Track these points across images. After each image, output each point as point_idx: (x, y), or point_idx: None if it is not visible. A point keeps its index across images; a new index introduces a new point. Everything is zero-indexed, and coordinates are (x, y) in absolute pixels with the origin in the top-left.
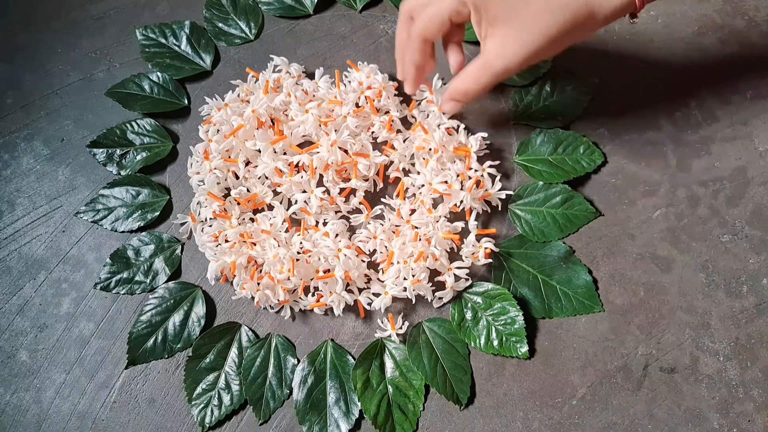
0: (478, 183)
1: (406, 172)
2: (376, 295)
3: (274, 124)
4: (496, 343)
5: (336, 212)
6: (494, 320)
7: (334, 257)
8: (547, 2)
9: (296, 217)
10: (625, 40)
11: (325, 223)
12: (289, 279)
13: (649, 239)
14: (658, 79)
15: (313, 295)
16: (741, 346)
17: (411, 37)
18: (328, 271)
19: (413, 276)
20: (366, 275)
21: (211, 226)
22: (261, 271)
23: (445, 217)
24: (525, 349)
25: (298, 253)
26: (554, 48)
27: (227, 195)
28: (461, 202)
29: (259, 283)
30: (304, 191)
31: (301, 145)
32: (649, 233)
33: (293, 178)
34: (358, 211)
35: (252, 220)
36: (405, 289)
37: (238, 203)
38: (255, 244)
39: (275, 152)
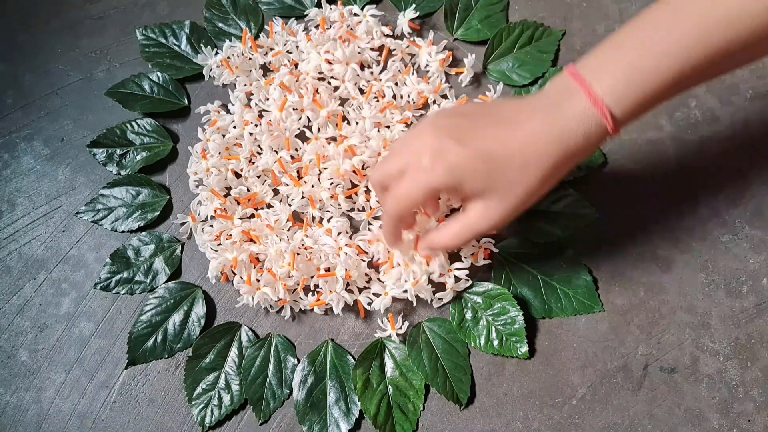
0: None
1: None
2: (376, 295)
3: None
4: (496, 343)
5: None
6: (494, 320)
7: (335, 255)
8: (522, 165)
9: (299, 210)
10: None
11: (328, 220)
12: (289, 275)
13: (649, 239)
14: None
15: (313, 294)
16: (741, 346)
17: (384, 217)
18: (329, 269)
19: (414, 278)
20: (366, 275)
21: (212, 225)
22: (262, 267)
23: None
24: (525, 349)
25: (300, 248)
26: (539, 195)
27: (227, 195)
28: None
29: (258, 280)
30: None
31: (298, 136)
32: (649, 233)
33: (301, 187)
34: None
35: (253, 216)
36: (405, 291)
37: (239, 202)
38: (256, 241)
39: (276, 152)
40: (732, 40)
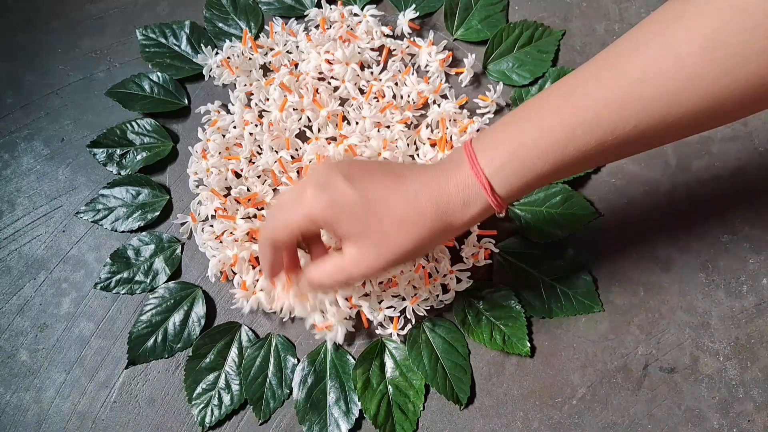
0: None
1: None
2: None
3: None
4: (499, 339)
5: None
6: (496, 319)
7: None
8: (400, 219)
9: None
10: None
11: None
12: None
13: (649, 239)
14: None
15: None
16: (741, 346)
17: (259, 239)
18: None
19: (413, 296)
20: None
21: (212, 225)
22: (259, 269)
23: None
24: (527, 346)
25: None
26: (413, 257)
27: (227, 195)
28: None
29: (257, 280)
30: None
31: (298, 136)
32: (649, 233)
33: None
34: None
35: (255, 216)
36: (405, 309)
37: (239, 202)
38: (255, 239)
39: (276, 152)
40: (617, 130)
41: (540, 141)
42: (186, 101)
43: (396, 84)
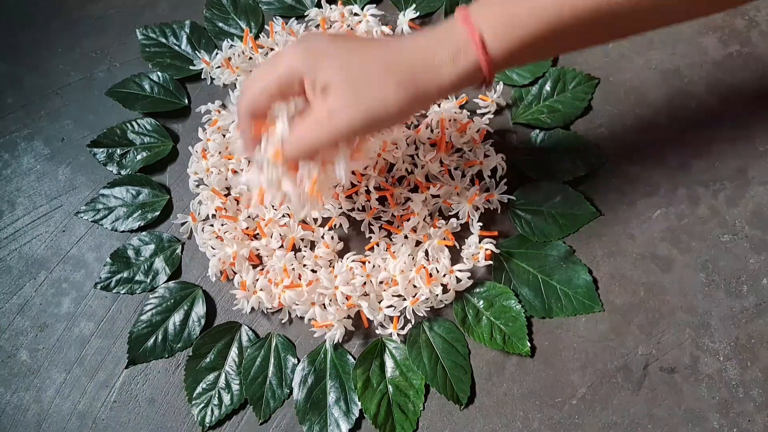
0: (487, 190)
1: (409, 171)
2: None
3: None
4: (499, 339)
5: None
6: (496, 319)
7: (332, 294)
8: (384, 67)
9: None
10: (626, 40)
11: (322, 236)
12: (285, 291)
13: (649, 239)
14: (659, 78)
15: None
16: (741, 346)
17: (238, 112)
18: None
19: (414, 296)
20: (363, 284)
21: (212, 225)
22: (262, 268)
23: (441, 215)
24: (527, 346)
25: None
26: (394, 116)
27: (227, 194)
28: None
29: (257, 280)
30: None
31: None
32: (649, 233)
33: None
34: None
35: (257, 216)
36: (405, 309)
37: (238, 202)
38: (257, 237)
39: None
40: (611, 3)
41: (532, 9)
42: (186, 101)
43: None
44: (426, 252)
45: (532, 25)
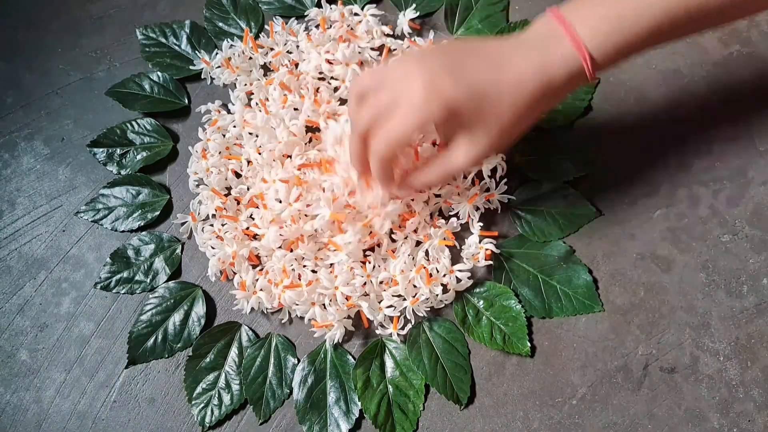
0: (487, 190)
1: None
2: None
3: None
4: (499, 339)
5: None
6: (496, 319)
7: (331, 295)
8: (511, 103)
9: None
10: None
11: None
12: (284, 292)
13: (649, 239)
14: (659, 78)
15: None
16: (741, 346)
17: (374, 159)
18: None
19: (414, 296)
20: (364, 285)
21: (212, 225)
22: (261, 268)
23: (441, 216)
24: (528, 346)
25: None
26: (522, 132)
27: (227, 194)
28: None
29: (257, 280)
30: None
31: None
32: (650, 233)
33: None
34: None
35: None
36: (405, 309)
37: (239, 202)
38: (257, 237)
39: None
40: None
41: (639, 15)
42: (186, 101)
43: None
44: (426, 252)
45: (639, 25)
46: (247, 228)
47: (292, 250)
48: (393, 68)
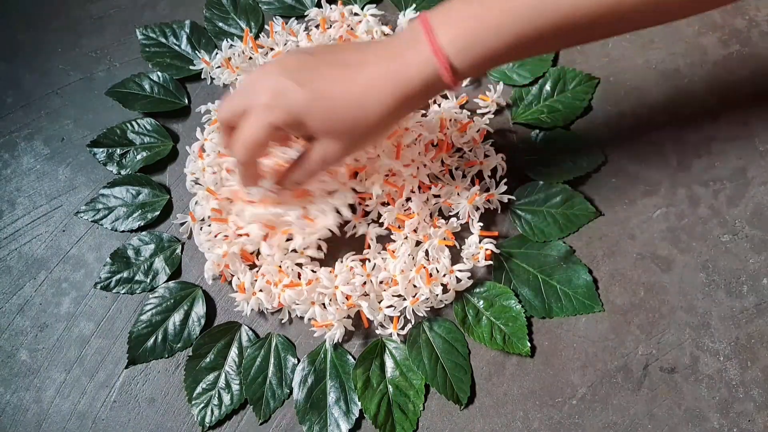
0: (487, 190)
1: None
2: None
3: None
4: (499, 339)
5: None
6: (496, 319)
7: (331, 294)
8: (360, 108)
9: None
10: (626, 40)
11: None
12: (284, 291)
13: (649, 239)
14: (659, 78)
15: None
16: (741, 346)
17: (237, 163)
18: (328, 300)
19: (414, 296)
20: (364, 284)
21: (209, 225)
22: (258, 270)
23: (441, 216)
24: (528, 346)
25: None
26: (377, 139)
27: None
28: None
29: (256, 280)
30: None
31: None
32: (650, 233)
33: None
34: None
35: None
36: (405, 309)
37: (231, 201)
38: (249, 234)
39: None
40: (578, 11)
41: (503, 23)
42: (186, 101)
43: None
44: (426, 252)
45: (497, 47)
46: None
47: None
48: (251, 75)
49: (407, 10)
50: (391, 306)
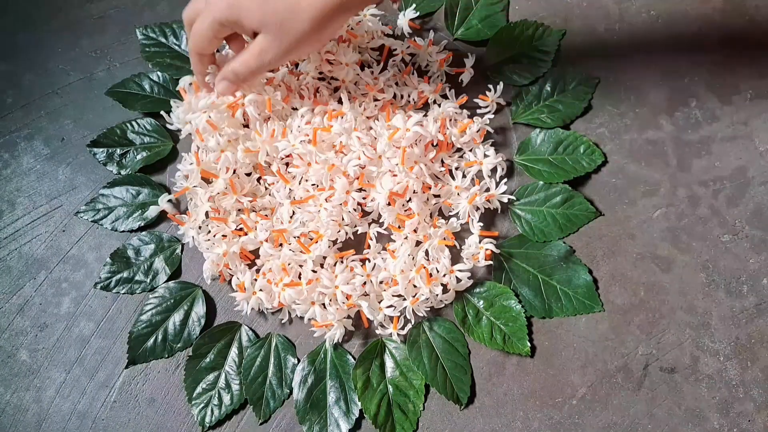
0: (487, 190)
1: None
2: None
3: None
4: (499, 339)
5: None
6: (496, 319)
7: (332, 294)
8: (293, 6)
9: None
10: (626, 39)
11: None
12: (284, 290)
13: (649, 239)
14: (659, 78)
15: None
16: (741, 345)
17: (189, 53)
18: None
19: (414, 296)
20: (363, 284)
21: (208, 225)
22: (258, 269)
23: (441, 217)
24: (528, 346)
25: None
26: (316, 40)
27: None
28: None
29: (256, 280)
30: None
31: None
32: (650, 233)
33: (289, 184)
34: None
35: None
36: (405, 309)
37: (225, 195)
38: (246, 232)
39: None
40: None
41: None
42: None
43: (396, 84)
44: (426, 252)
45: None
46: (236, 228)
47: (281, 245)
48: None
49: (407, 10)
50: (391, 306)
